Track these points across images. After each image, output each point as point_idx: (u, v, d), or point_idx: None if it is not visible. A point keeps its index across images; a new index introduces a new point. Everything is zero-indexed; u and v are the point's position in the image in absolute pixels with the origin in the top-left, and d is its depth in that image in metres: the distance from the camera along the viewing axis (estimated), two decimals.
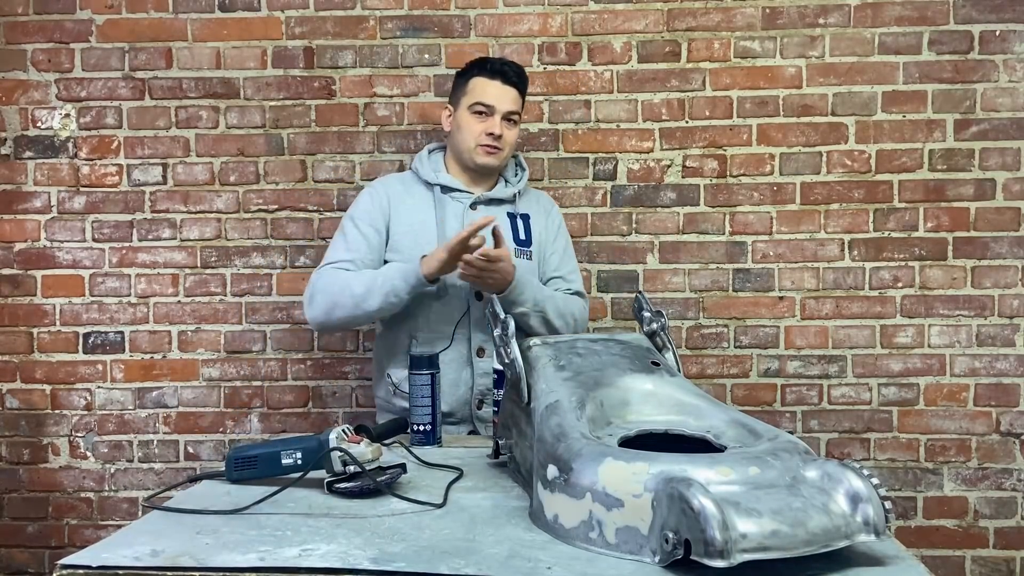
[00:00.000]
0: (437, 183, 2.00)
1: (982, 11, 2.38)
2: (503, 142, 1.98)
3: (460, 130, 2.00)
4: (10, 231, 2.51)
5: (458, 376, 1.93)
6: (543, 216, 2.09)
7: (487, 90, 1.97)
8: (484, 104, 1.97)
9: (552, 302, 1.94)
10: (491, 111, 1.97)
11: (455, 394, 1.92)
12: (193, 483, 1.42)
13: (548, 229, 2.09)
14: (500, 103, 1.97)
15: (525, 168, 2.13)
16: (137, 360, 2.51)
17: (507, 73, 1.99)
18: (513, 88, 1.99)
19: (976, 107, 2.39)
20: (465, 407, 1.95)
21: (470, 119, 1.98)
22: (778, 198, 2.43)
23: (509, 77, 1.99)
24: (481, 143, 1.97)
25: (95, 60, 2.48)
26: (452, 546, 1.07)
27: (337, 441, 1.31)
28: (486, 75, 1.98)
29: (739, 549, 0.92)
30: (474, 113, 1.98)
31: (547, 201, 2.17)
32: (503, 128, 1.97)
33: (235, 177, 2.49)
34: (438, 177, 2.01)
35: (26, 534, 2.54)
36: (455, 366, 1.92)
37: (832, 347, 2.43)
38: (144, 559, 1.02)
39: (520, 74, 2.02)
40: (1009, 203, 2.40)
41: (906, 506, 2.42)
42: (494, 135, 1.96)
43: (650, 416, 1.29)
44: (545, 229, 2.08)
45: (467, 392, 1.94)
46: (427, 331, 1.93)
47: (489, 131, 1.96)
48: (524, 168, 2.13)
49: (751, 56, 2.42)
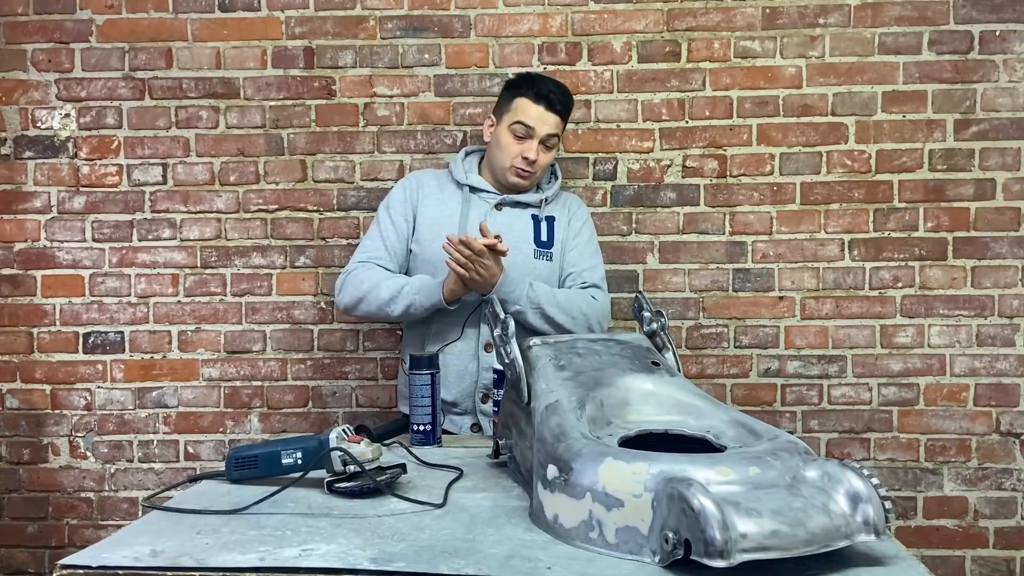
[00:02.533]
0: (466, 183, 2.05)
1: (982, 11, 2.38)
2: (536, 166, 2.01)
3: (498, 146, 2.02)
4: (10, 231, 2.51)
5: (465, 368, 1.97)
6: (566, 216, 2.11)
7: (529, 112, 1.99)
8: (524, 126, 1.98)
9: (550, 297, 1.95)
10: (530, 134, 1.99)
11: (460, 385, 1.97)
12: (193, 483, 1.42)
13: (570, 227, 2.11)
14: (540, 128, 1.99)
15: (558, 176, 2.16)
16: (137, 360, 2.51)
17: (552, 100, 1.99)
18: (556, 115, 2.01)
19: (976, 107, 2.39)
20: (469, 399, 1.99)
21: (509, 138, 2.00)
22: (778, 198, 2.43)
23: (554, 105, 2.00)
24: (516, 164, 2.00)
25: (95, 60, 2.48)
26: (452, 546, 1.07)
27: (337, 441, 1.31)
28: (531, 98, 1.99)
29: (739, 549, 0.92)
30: (514, 133, 1.99)
31: (574, 202, 2.18)
32: (539, 152, 2.00)
33: (235, 177, 2.49)
34: (468, 178, 2.06)
35: (26, 534, 2.54)
36: (464, 358, 1.97)
37: (832, 347, 2.43)
38: (144, 559, 1.02)
39: (566, 102, 2.03)
40: (1009, 203, 2.40)
41: (906, 506, 2.42)
42: (528, 159, 1.99)
43: (650, 416, 1.29)
44: (567, 227, 2.10)
45: (472, 385, 1.98)
46: (440, 322, 1.98)
47: (525, 155, 1.98)
48: (557, 176, 2.15)
49: (751, 56, 2.42)
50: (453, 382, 1.96)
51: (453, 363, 1.96)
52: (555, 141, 2.04)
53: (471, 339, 1.97)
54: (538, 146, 1.99)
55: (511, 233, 1.98)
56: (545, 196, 2.08)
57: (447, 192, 2.07)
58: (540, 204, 2.07)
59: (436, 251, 1.92)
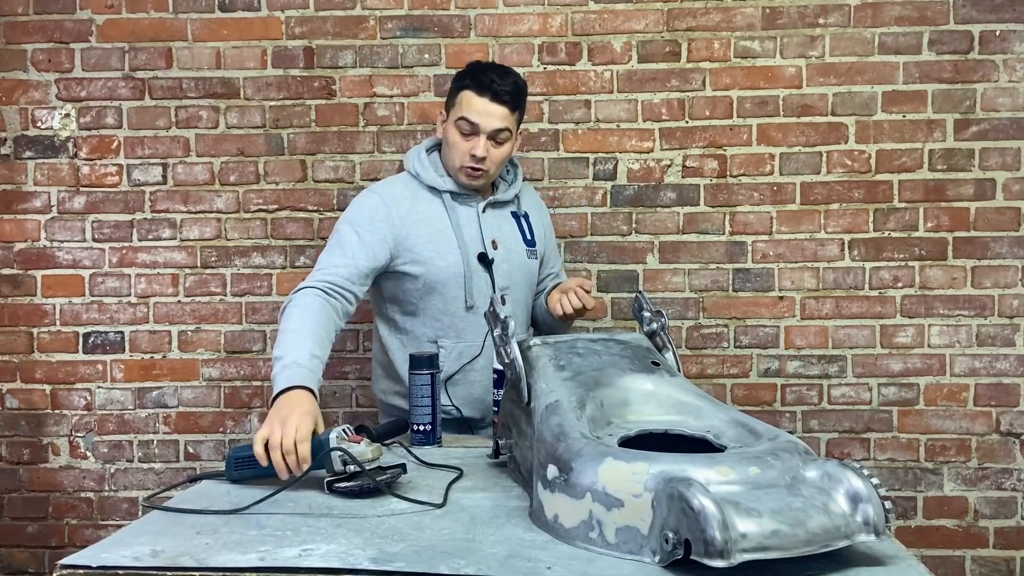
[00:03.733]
0: (446, 189, 1.91)
1: (982, 11, 2.38)
2: (488, 163, 1.86)
3: (447, 144, 1.89)
4: (10, 231, 2.51)
5: (489, 384, 1.83)
6: (539, 214, 2.09)
7: (473, 106, 1.83)
8: (469, 121, 1.84)
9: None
10: (476, 130, 1.84)
11: (485, 401, 1.88)
12: (193, 483, 1.42)
13: (547, 227, 2.11)
14: (486, 122, 1.83)
15: (517, 165, 2.06)
16: (137, 360, 2.51)
17: (497, 90, 1.83)
18: (503, 106, 1.84)
19: (976, 107, 2.39)
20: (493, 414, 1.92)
21: (455, 135, 1.86)
22: (778, 198, 2.43)
23: (499, 95, 1.83)
24: (464, 164, 1.86)
25: (95, 60, 2.48)
26: (452, 546, 1.07)
27: (337, 441, 1.31)
28: (475, 89, 1.83)
29: (739, 549, 0.92)
30: (459, 129, 1.85)
31: (537, 198, 2.15)
32: (487, 148, 1.84)
33: (235, 177, 2.49)
34: (445, 183, 1.91)
35: (26, 534, 2.54)
36: (487, 373, 1.84)
37: (832, 347, 2.43)
38: (144, 559, 1.02)
39: (514, 91, 1.86)
40: (1009, 203, 2.40)
41: (906, 506, 2.42)
42: (476, 157, 1.84)
43: (650, 416, 1.29)
44: (544, 227, 2.09)
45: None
46: (455, 339, 1.88)
47: (473, 152, 1.84)
48: (516, 165, 2.05)
49: (751, 56, 2.42)
50: (476, 399, 1.87)
51: (478, 380, 1.87)
52: (507, 135, 1.86)
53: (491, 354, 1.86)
54: (486, 142, 1.83)
55: (505, 236, 1.95)
56: (516, 192, 2.00)
57: (425, 202, 1.90)
58: (515, 200, 2.00)
59: (442, 268, 1.85)
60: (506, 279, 1.92)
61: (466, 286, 1.87)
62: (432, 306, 1.89)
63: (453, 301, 1.88)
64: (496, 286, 1.90)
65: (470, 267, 1.88)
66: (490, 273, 1.90)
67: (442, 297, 1.88)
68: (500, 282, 1.90)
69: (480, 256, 1.89)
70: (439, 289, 1.87)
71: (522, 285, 1.98)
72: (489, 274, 1.90)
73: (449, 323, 1.89)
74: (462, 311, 1.88)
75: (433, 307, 1.89)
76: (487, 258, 1.89)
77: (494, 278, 1.90)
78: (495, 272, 1.90)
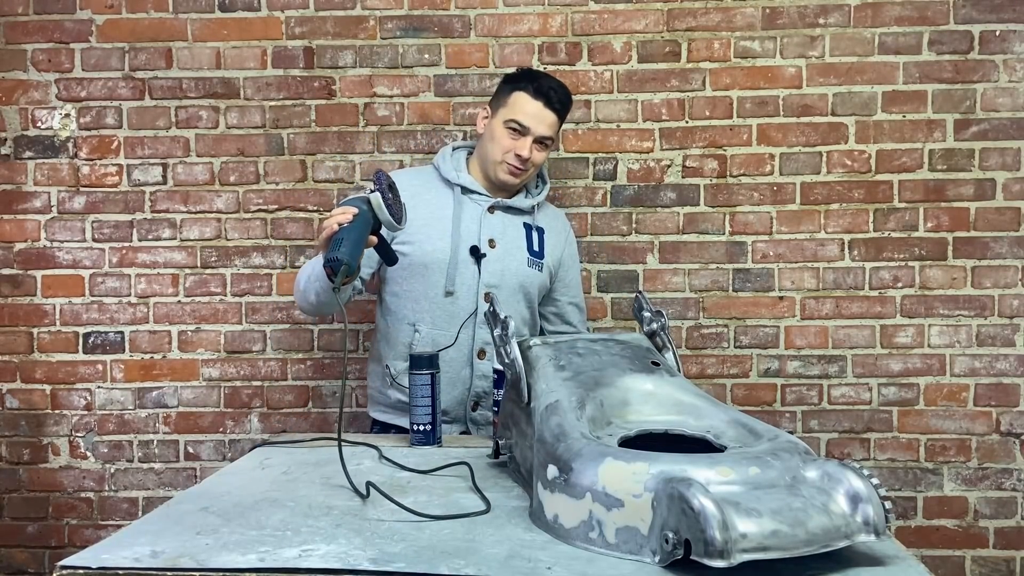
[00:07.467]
0: (458, 183, 1.97)
1: (982, 11, 2.38)
2: (529, 164, 1.94)
3: (491, 140, 1.95)
4: (10, 231, 2.51)
5: (456, 375, 1.92)
6: (559, 238, 2.08)
7: (526, 108, 1.92)
8: (520, 123, 1.92)
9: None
10: (525, 132, 1.92)
11: (451, 393, 1.92)
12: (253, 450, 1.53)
13: (566, 253, 2.10)
14: (536, 126, 1.92)
15: (547, 181, 2.10)
16: (137, 360, 2.51)
17: (551, 98, 1.93)
18: (554, 113, 1.94)
19: (976, 107, 2.39)
20: (460, 407, 1.95)
21: (503, 133, 1.93)
22: (778, 198, 2.43)
23: (553, 102, 1.93)
24: (507, 160, 1.93)
25: (95, 60, 2.48)
26: (452, 546, 1.07)
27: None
28: (530, 93, 1.92)
29: (739, 549, 0.91)
30: (508, 128, 1.93)
31: (564, 223, 2.15)
32: (533, 151, 1.93)
33: (235, 177, 2.49)
34: (459, 177, 1.98)
35: (26, 534, 2.54)
36: (455, 365, 1.92)
37: (832, 347, 2.43)
38: (144, 559, 1.02)
39: (564, 101, 1.97)
40: (1009, 203, 2.40)
41: (906, 506, 2.42)
42: (521, 157, 1.92)
43: (650, 416, 1.29)
44: (563, 253, 2.09)
45: (464, 392, 1.94)
46: (431, 326, 1.92)
47: (518, 152, 1.92)
48: (546, 181, 2.10)
49: (751, 56, 2.42)
50: (444, 389, 1.86)
51: (444, 370, 1.86)
52: (550, 142, 1.97)
53: (464, 346, 1.91)
54: (532, 144, 1.93)
55: (505, 238, 1.97)
56: (536, 203, 2.04)
57: (435, 191, 1.98)
58: (532, 211, 2.04)
59: (429, 251, 1.90)
60: (496, 278, 1.94)
61: (448, 272, 1.90)
62: (414, 288, 1.93)
63: (434, 286, 1.91)
64: (482, 281, 1.92)
65: (458, 256, 1.91)
66: (479, 267, 1.92)
67: (424, 281, 1.92)
68: (488, 279, 1.93)
69: (472, 249, 1.92)
70: (422, 272, 1.92)
71: (514, 289, 1.97)
72: (477, 268, 1.92)
73: (427, 308, 1.92)
74: (441, 297, 1.91)
75: (415, 290, 1.93)
76: (479, 252, 1.92)
77: (482, 273, 1.92)
78: (484, 268, 1.92)
